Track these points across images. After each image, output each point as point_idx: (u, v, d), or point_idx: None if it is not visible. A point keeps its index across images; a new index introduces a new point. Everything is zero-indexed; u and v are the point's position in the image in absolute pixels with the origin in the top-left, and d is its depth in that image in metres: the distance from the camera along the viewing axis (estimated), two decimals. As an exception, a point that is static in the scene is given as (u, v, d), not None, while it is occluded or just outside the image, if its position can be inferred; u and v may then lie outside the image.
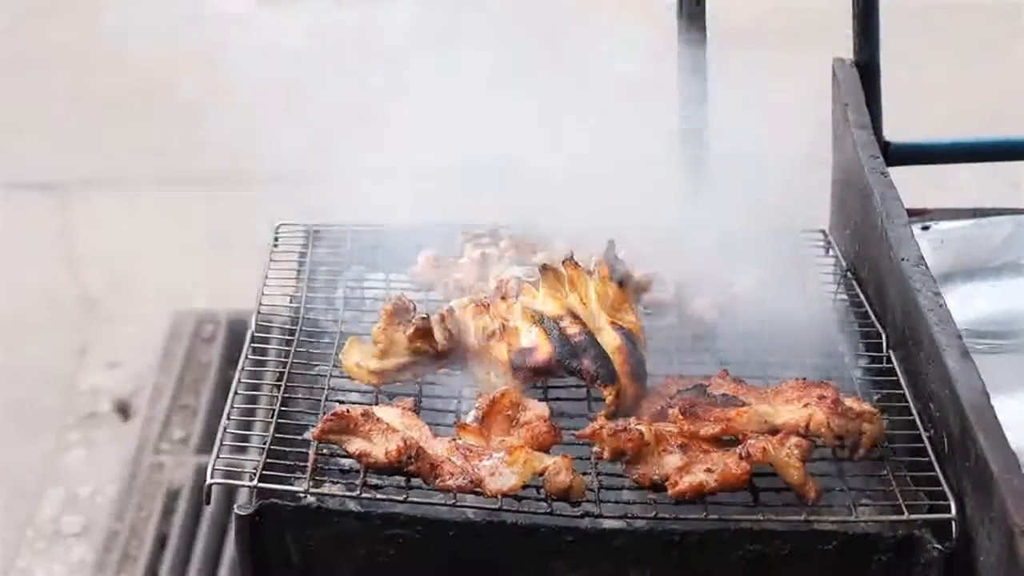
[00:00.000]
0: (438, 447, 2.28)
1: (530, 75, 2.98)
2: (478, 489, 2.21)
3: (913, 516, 2.18)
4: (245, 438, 2.35)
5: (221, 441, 2.30)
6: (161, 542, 4.24)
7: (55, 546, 4.31)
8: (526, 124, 2.90)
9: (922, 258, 2.48)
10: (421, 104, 3.02)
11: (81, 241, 5.91)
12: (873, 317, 2.67)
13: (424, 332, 2.48)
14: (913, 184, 2.88)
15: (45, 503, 4.47)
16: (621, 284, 2.56)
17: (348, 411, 2.29)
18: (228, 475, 2.25)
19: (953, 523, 2.15)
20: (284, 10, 3.54)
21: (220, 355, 5.03)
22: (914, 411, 2.39)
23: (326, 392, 2.49)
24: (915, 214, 2.90)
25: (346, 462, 2.32)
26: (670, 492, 2.21)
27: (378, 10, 3.26)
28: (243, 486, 2.25)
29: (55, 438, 4.75)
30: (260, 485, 2.23)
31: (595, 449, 2.29)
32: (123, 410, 4.88)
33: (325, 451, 2.31)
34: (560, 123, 2.96)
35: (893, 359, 2.54)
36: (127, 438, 4.72)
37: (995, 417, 2.09)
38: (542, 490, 2.21)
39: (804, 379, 2.42)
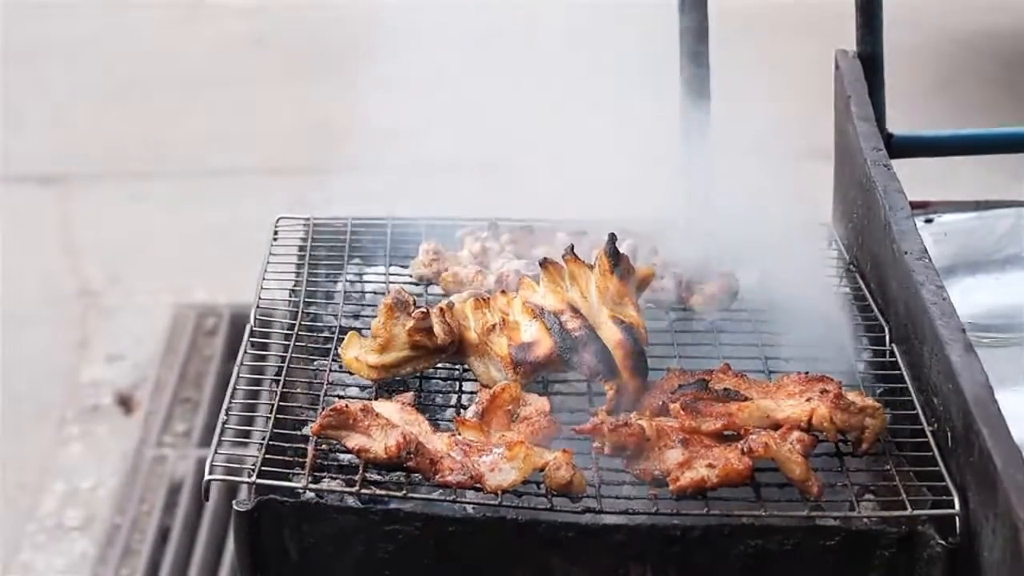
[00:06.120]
0: (438, 442, 2.27)
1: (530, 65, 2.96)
2: (478, 485, 2.19)
3: (916, 511, 2.17)
4: (245, 433, 2.33)
5: (219, 437, 2.29)
6: (163, 536, 4.23)
7: (57, 540, 4.30)
8: (526, 116, 2.88)
9: (925, 251, 2.47)
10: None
11: (82, 233, 5.90)
12: (876, 310, 2.65)
13: (424, 327, 2.47)
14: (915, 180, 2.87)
15: (46, 497, 4.46)
16: (622, 278, 2.55)
17: (347, 406, 2.28)
18: (226, 471, 2.24)
19: (957, 518, 2.13)
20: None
21: (222, 348, 5.02)
22: (917, 405, 2.37)
23: (325, 387, 2.48)
24: (918, 206, 2.88)
25: (345, 457, 2.30)
26: (671, 487, 2.20)
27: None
28: (241, 482, 2.24)
29: (56, 431, 4.75)
30: (258, 481, 2.22)
31: (596, 444, 2.28)
32: (125, 403, 4.87)
33: (324, 446, 2.30)
34: (561, 115, 2.94)
35: (896, 353, 2.53)
36: (129, 431, 4.71)
37: (999, 411, 2.08)
38: (542, 485, 2.20)
39: (806, 373, 2.41)
